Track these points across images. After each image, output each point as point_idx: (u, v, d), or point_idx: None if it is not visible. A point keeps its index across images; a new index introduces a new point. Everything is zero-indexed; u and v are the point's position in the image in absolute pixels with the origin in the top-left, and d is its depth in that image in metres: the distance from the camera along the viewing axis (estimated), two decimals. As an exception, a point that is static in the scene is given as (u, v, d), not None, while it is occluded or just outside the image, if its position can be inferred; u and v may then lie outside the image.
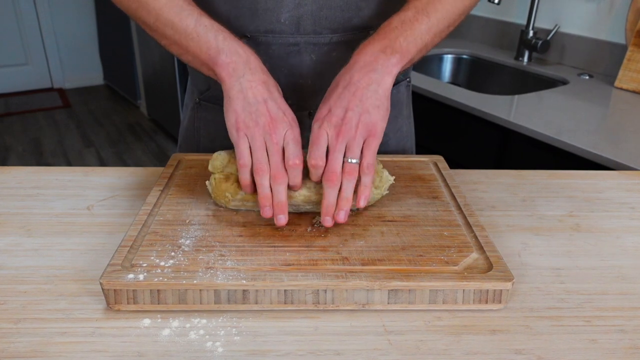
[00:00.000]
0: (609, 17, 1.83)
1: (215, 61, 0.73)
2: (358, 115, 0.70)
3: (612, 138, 1.36)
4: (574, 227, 0.79)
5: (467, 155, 1.65)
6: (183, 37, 0.76)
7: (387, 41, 0.74)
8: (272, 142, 0.70)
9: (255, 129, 0.70)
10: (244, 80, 0.72)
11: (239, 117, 0.71)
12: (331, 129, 0.70)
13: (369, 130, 0.70)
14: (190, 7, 0.77)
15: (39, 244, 0.72)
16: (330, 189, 0.69)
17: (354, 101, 0.70)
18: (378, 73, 0.72)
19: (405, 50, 0.74)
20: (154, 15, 0.77)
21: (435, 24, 0.78)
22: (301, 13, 0.85)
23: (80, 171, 0.93)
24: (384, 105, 0.72)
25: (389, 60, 0.72)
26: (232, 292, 0.60)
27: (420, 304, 0.62)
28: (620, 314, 0.62)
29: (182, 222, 0.71)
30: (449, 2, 0.80)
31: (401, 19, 0.77)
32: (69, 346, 0.55)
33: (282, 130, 0.70)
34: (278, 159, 0.70)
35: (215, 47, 0.74)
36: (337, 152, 0.69)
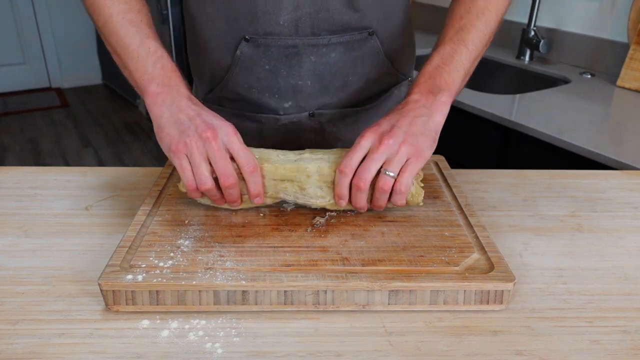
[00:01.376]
0: (611, 16, 1.83)
1: (146, 89, 0.73)
2: (404, 133, 0.68)
3: (614, 137, 1.35)
4: (575, 227, 0.79)
5: (468, 155, 1.64)
6: (124, 53, 0.76)
7: (432, 81, 0.75)
8: (213, 149, 0.67)
9: (192, 143, 0.67)
10: (173, 107, 0.70)
11: (172, 140, 0.68)
12: (376, 139, 0.68)
13: (415, 150, 0.68)
14: (140, 25, 0.77)
15: (36, 244, 0.72)
16: (360, 192, 0.68)
17: (403, 122, 0.69)
18: (428, 109, 0.72)
19: (451, 85, 0.75)
20: (103, 20, 0.77)
21: (473, 49, 0.79)
22: (299, 15, 0.85)
23: (78, 171, 0.93)
24: (432, 136, 0.70)
25: (437, 99, 0.73)
26: (232, 293, 0.60)
27: (421, 304, 0.61)
28: (622, 314, 0.62)
29: (181, 223, 0.71)
30: (482, 25, 0.80)
31: (441, 55, 0.78)
32: (67, 347, 0.55)
33: (223, 135, 0.68)
34: (224, 164, 0.67)
35: (151, 73, 0.73)
36: (373, 160, 0.67)
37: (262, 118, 0.95)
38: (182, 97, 0.72)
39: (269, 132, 0.96)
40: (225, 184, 0.68)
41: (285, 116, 0.94)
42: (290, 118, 0.95)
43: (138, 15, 0.78)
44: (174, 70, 0.75)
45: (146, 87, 0.73)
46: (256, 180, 0.69)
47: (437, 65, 0.77)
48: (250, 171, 0.69)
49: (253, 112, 0.95)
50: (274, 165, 0.72)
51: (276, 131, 0.96)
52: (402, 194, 0.68)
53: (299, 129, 0.96)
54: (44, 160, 3.49)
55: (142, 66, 0.74)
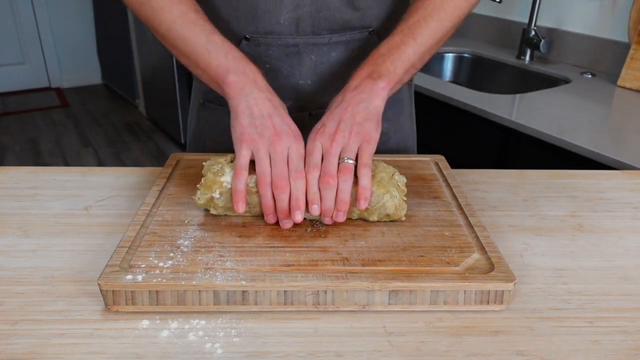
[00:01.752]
0: (612, 15, 1.82)
1: (224, 79, 0.75)
2: (350, 125, 0.72)
3: (614, 137, 1.35)
4: (576, 227, 0.79)
5: (468, 155, 1.64)
6: (194, 52, 0.78)
7: (374, 67, 0.77)
8: (276, 152, 0.70)
9: (260, 141, 0.70)
10: (251, 98, 0.74)
11: (244, 130, 0.72)
12: (325, 139, 0.71)
13: (363, 137, 0.71)
14: (202, 23, 0.79)
15: (36, 244, 0.72)
16: (327, 191, 0.69)
17: (345, 115, 0.73)
18: (366, 94, 0.75)
19: (392, 73, 0.77)
20: (166, 27, 0.79)
21: (422, 44, 0.81)
22: (300, 14, 0.86)
23: (78, 171, 0.93)
24: (375, 119, 0.74)
25: (376, 84, 0.75)
26: (232, 293, 0.60)
27: (421, 304, 0.61)
28: (623, 315, 0.61)
29: (180, 223, 0.71)
30: (435, 21, 0.82)
31: (389, 45, 0.80)
32: (67, 348, 0.55)
33: (287, 142, 0.71)
34: (282, 167, 0.70)
35: (225, 65, 0.76)
36: (332, 155, 0.70)
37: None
38: (260, 88, 0.75)
39: (269, 131, 0.96)
40: (279, 184, 0.69)
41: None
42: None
43: (197, 14, 0.79)
44: (246, 59, 0.77)
45: (224, 77, 0.75)
46: (298, 187, 0.70)
47: (383, 53, 0.79)
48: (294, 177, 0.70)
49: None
50: None
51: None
52: (366, 173, 0.70)
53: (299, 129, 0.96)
54: (43, 160, 3.49)
55: (215, 60, 0.76)
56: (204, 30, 0.78)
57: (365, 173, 0.70)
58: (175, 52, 0.81)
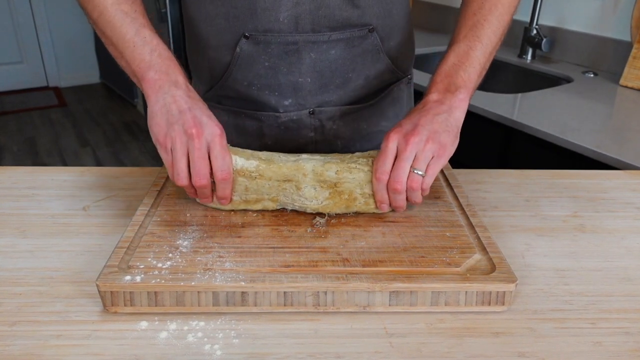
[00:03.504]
0: (614, 14, 1.82)
1: (144, 76, 0.74)
2: (428, 131, 0.70)
3: (617, 137, 1.35)
4: (578, 228, 0.78)
5: (469, 155, 1.64)
6: (120, 42, 0.76)
7: (449, 79, 0.77)
8: (194, 147, 0.68)
9: (177, 137, 0.69)
10: (168, 96, 0.72)
11: (160, 131, 0.70)
12: (401, 140, 0.70)
13: (439, 148, 0.70)
14: (135, 15, 0.77)
15: (34, 245, 0.72)
16: (398, 195, 0.70)
17: (424, 119, 0.72)
18: (447, 106, 0.74)
19: (468, 82, 0.77)
20: (98, 12, 0.78)
21: (488, 44, 0.81)
22: (299, 12, 0.85)
23: (76, 171, 0.92)
24: (454, 132, 0.73)
25: (455, 97, 0.75)
26: (231, 294, 0.59)
27: (422, 305, 0.61)
28: (625, 316, 0.61)
29: (179, 223, 0.70)
30: (495, 18, 0.81)
31: (456, 53, 0.79)
32: (65, 349, 0.55)
33: (207, 134, 0.69)
34: (200, 165, 0.69)
35: (148, 62, 0.74)
36: (405, 160, 0.69)
37: (262, 116, 0.95)
38: (179, 86, 0.73)
39: (268, 130, 0.96)
40: (197, 184, 0.70)
41: (285, 114, 0.94)
42: (290, 116, 0.94)
43: (132, 6, 0.78)
44: (171, 59, 0.76)
45: (144, 74, 0.74)
46: (225, 187, 0.71)
47: (454, 63, 0.78)
48: (221, 178, 0.70)
49: (253, 110, 0.95)
50: (277, 165, 0.72)
51: (276, 129, 0.96)
52: (425, 191, 0.71)
53: (298, 127, 0.96)
54: (41, 160, 3.48)
55: (139, 54, 0.75)
56: (134, 23, 0.76)
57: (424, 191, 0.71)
58: (104, 40, 0.80)
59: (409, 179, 0.69)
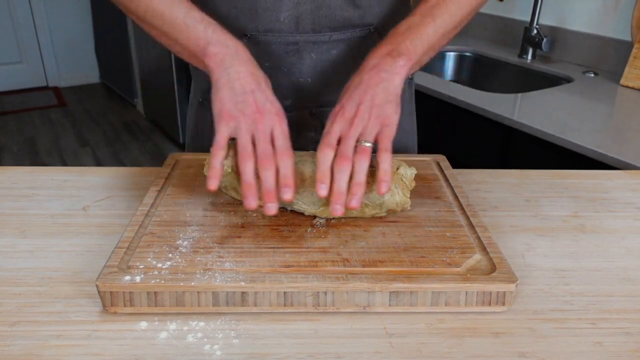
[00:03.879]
0: (615, 14, 1.82)
1: (204, 52, 0.74)
2: (370, 108, 0.70)
3: (617, 137, 1.35)
4: (578, 228, 0.78)
5: (469, 155, 1.64)
6: (172, 29, 0.76)
7: (393, 45, 0.76)
8: (258, 130, 0.69)
9: (241, 118, 0.69)
10: (232, 71, 0.72)
11: (224, 106, 0.70)
12: (344, 122, 0.70)
13: (382, 120, 0.70)
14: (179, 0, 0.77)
15: (34, 245, 0.72)
16: (341, 173, 0.67)
17: (365, 97, 0.71)
18: (386, 73, 0.73)
19: (412, 52, 0.76)
20: (144, 6, 0.77)
21: (442, 25, 0.80)
22: (300, 12, 0.85)
23: (76, 171, 0.92)
24: (395, 100, 0.72)
25: (395, 62, 0.74)
26: (231, 294, 0.59)
27: (422, 306, 0.61)
28: (625, 316, 0.61)
29: (179, 223, 0.70)
30: (454, 4, 0.81)
31: (408, 24, 0.79)
32: (65, 349, 0.55)
33: (269, 120, 0.70)
34: (266, 145, 0.68)
35: (205, 38, 0.74)
36: (350, 138, 0.68)
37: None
38: (242, 60, 0.73)
39: (269, 129, 0.96)
40: (263, 163, 0.68)
41: (285, 114, 0.94)
42: (290, 116, 0.94)
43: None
44: (226, 32, 0.76)
45: (204, 49, 0.74)
46: (287, 165, 0.68)
47: (402, 32, 0.78)
48: (281, 156, 0.68)
49: (253, 109, 0.95)
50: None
51: (277, 129, 0.95)
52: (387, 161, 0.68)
53: (299, 127, 0.95)
54: (41, 160, 3.47)
55: (194, 34, 0.75)
56: (181, 7, 0.77)
57: (386, 158, 0.68)
58: (154, 33, 0.80)
59: (357, 150, 0.68)
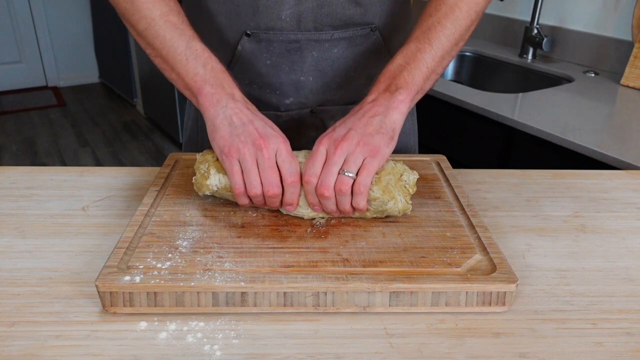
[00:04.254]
0: (615, 13, 1.81)
1: (200, 90, 0.74)
2: (360, 135, 0.69)
3: (618, 137, 1.34)
4: (579, 228, 0.78)
5: (470, 155, 1.63)
6: (171, 57, 0.76)
7: (390, 79, 0.75)
8: (263, 158, 0.68)
9: (245, 149, 0.69)
10: (228, 109, 0.72)
11: (226, 142, 0.70)
12: (331, 144, 0.69)
13: (370, 150, 0.68)
14: (183, 27, 0.77)
15: (33, 245, 0.72)
16: (326, 202, 0.69)
17: (358, 124, 0.70)
18: (383, 107, 0.72)
19: (411, 84, 0.74)
20: (145, 24, 0.77)
21: (440, 48, 0.78)
22: (302, 10, 0.85)
23: (75, 171, 0.92)
24: (389, 134, 0.70)
25: (394, 97, 0.73)
26: (231, 295, 0.59)
27: (423, 306, 0.60)
28: (626, 316, 0.61)
29: (179, 223, 0.70)
30: (450, 22, 0.78)
31: (403, 54, 0.77)
32: (64, 350, 0.55)
33: (274, 145, 0.69)
34: (271, 174, 0.68)
35: (202, 75, 0.74)
36: (332, 164, 0.68)
37: (263, 115, 0.95)
38: (237, 99, 0.74)
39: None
40: (269, 193, 0.69)
41: (286, 113, 0.94)
42: (291, 115, 0.94)
43: (179, 17, 0.77)
44: (224, 72, 0.76)
45: (200, 88, 0.74)
46: (293, 191, 0.70)
47: (399, 64, 0.76)
48: (291, 182, 0.69)
49: (254, 108, 0.95)
50: None
51: (277, 128, 0.95)
52: (361, 195, 0.68)
53: (300, 126, 0.95)
54: (40, 160, 3.46)
55: (192, 68, 0.75)
56: (184, 36, 0.76)
57: (360, 193, 0.68)
58: (150, 52, 0.79)
59: (338, 181, 0.67)
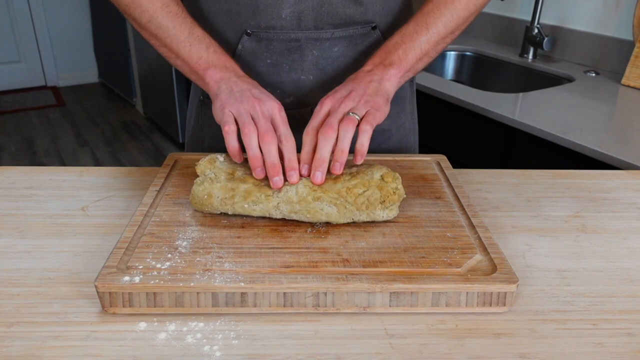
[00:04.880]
0: (616, 13, 1.81)
1: (206, 72, 0.80)
2: (361, 95, 0.73)
3: (619, 137, 1.34)
4: (580, 228, 0.78)
5: (470, 155, 1.63)
6: (175, 44, 0.81)
7: (386, 55, 0.80)
8: (258, 112, 0.71)
9: (241, 105, 0.72)
10: (230, 82, 0.77)
11: (224, 102, 0.74)
12: (335, 102, 0.73)
13: (372, 105, 0.72)
14: (184, 15, 0.82)
15: (32, 245, 0.71)
16: (325, 141, 0.70)
17: (357, 86, 0.75)
18: (378, 76, 0.77)
19: (404, 61, 0.80)
20: (148, 16, 0.81)
21: (435, 33, 0.83)
22: (302, 8, 0.85)
23: (74, 171, 0.92)
24: (385, 97, 0.75)
25: (387, 70, 0.78)
26: (230, 295, 0.59)
27: (423, 306, 0.60)
28: (627, 317, 0.61)
29: (178, 223, 0.70)
30: (449, 11, 0.83)
31: (402, 33, 0.83)
32: (63, 350, 0.54)
33: (269, 107, 0.72)
34: (266, 122, 0.71)
35: (206, 58, 0.80)
36: (337, 112, 0.72)
37: None
38: (239, 76, 0.79)
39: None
40: (265, 139, 0.70)
41: (286, 112, 0.94)
42: (291, 114, 0.94)
43: (178, 7, 0.82)
44: (225, 54, 0.82)
45: (205, 70, 0.79)
46: (290, 149, 0.71)
47: (396, 42, 0.82)
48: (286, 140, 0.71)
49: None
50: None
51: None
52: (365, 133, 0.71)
53: (300, 125, 0.95)
54: (39, 160, 3.45)
55: (197, 53, 0.80)
56: (185, 23, 0.81)
57: (366, 130, 0.71)
58: (154, 42, 0.84)
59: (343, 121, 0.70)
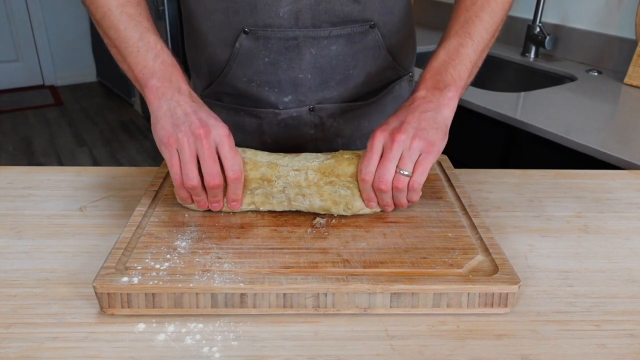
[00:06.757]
0: (618, 12, 1.81)
1: (146, 83, 0.73)
2: (415, 128, 0.69)
3: (621, 136, 1.34)
4: (582, 229, 0.77)
5: (472, 155, 1.63)
6: (123, 46, 0.75)
7: (438, 76, 0.75)
8: (203, 148, 0.67)
9: (184, 139, 0.67)
10: (172, 102, 0.70)
11: (165, 133, 0.68)
12: (387, 138, 0.69)
13: (425, 145, 0.68)
14: (140, 18, 0.76)
15: (30, 246, 0.71)
16: (383, 196, 0.70)
17: (411, 117, 0.70)
18: (435, 104, 0.72)
19: (458, 79, 0.75)
20: (101, 13, 0.77)
21: (480, 41, 0.79)
22: (300, 7, 0.85)
23: (72, 171, 0.92)
24: (442, 129, 0.71)
25: (443, 94, 0.73)
26: (230, 296, 0.59)
27: (424, 307, 0.60)
28: (630, 317, 0.60)
29: (177, 224, 0.70)
30: (487, 14, 0.80)
31: (446, 50, 0.77)
32: (61, 351, 0.54)
33: (215, 135, 0.68)
34: (211, 164, 0.67)
35: (151, 68, 0.73)
36: (390, 161, 0.68)
37: (261, 113, 0.94)
38: (182, 92, 0.72)
39: (268, 127, 0.95)
40: (210, 184, 0.68)
41: (284, 111, 0.93)
42: (290, 112, 0.94)
43: (137, 9, 0.77)
44: (174, 65, 0.75)
45: (147, 81, 0.73)
46: (237, 187, 0.70)
47: (443, 60, 0.76)
48: (234, 178, 0.69)
49: (252, 106, 0.94)
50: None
51: (276, 126, 0.95)
52: (415, 191, 0.70)
53: (298, 124, 0.95)
54: (37, 159, 3.44)
55: (142, 60, 0.74)
56: (138, 27, 0.75)
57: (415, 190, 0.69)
58: (107, 41, 0.79)
59: (394, 180, 0.68)
